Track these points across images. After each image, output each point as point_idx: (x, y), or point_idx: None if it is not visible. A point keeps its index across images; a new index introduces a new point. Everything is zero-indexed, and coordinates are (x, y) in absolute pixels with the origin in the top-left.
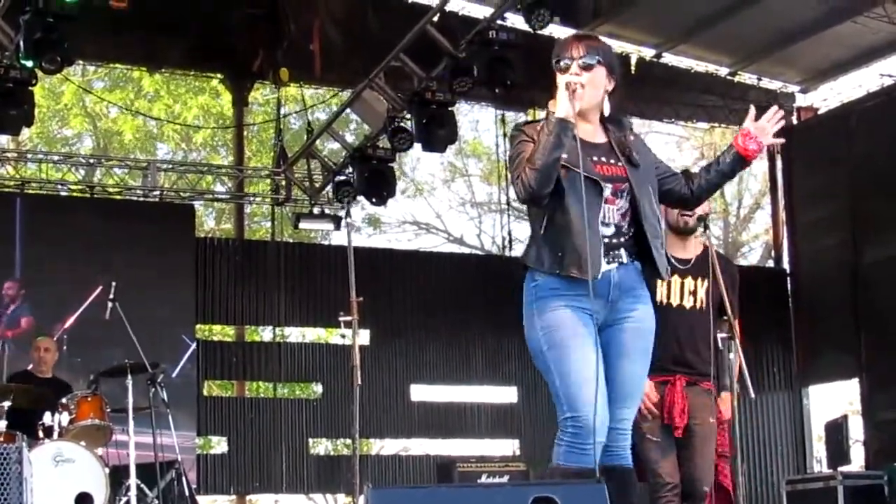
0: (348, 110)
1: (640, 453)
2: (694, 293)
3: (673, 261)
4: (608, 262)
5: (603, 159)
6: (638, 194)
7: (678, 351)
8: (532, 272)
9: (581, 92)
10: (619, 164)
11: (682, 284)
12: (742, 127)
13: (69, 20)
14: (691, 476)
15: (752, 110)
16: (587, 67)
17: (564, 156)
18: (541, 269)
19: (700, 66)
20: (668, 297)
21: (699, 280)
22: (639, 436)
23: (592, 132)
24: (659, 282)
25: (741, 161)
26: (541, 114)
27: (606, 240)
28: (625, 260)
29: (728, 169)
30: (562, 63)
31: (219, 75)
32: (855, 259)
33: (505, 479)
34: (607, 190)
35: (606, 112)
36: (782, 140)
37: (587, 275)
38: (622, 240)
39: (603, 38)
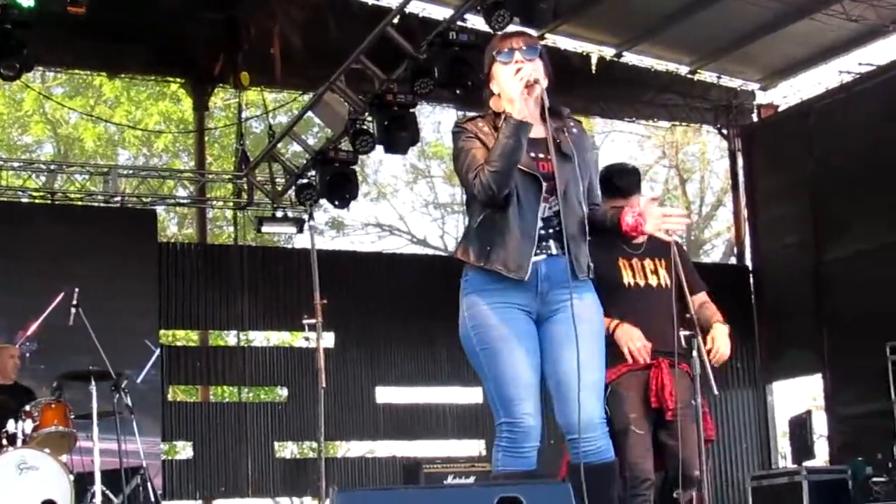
0: (310, 113)
1: (621, 445)
2: (655, 272)
3: (625, 247)
4: (536, 254)
5: (541, 155)
6: (564, 190)
7: (658, 332)
8: (465, 267)
9: (537, 88)
10: (550, 159)
11: (643, 265)
12: (641, 207)
13: (27, 27)
14: (683, 462)
15: (649, 200)
16: (531, 58)
17: None
18: (468, 262)
19: (660, 65)
20: (635, 278)
21: (657, 260)
22: (623, 427)
23: (533, 126)
24: (623, 263)
25: (617, 226)
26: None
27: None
28: (554, 251)
29: (610, 226)
30: (503, 55)
31: (179, 80)
32: (817, 255)
33: (471, 479)
34: (545, 187)
35: (547, 104)
36: (669, 238)
37: (514, 273)
38: (551, 231)
39: (564, 38)
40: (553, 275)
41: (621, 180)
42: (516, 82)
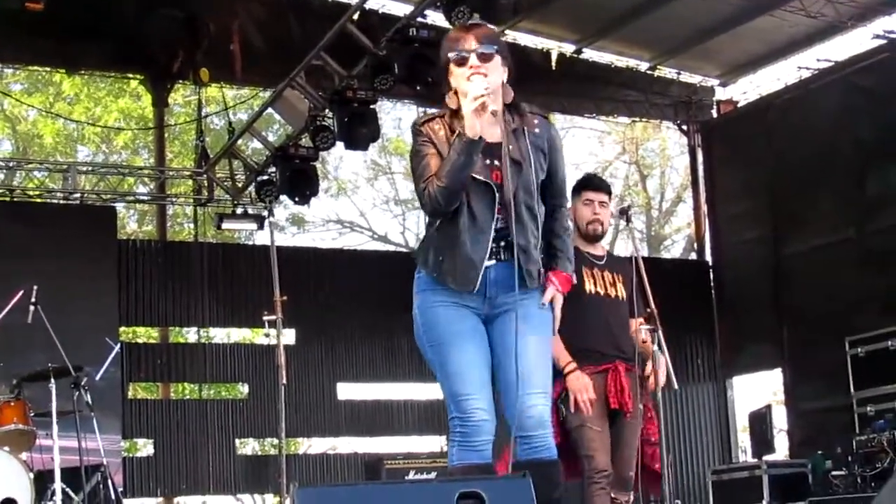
0: (270, 110)
1: (577, 440)
2: (614, 285)
3: (589, 256)
4: (487, 259)
5: (496, 163)
6: (512, 200)
7: (614, 338)
8: (418, 267)
9: (491, 105)
10: (500, 166)
11: (604, 276)
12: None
13: None
14: (622, 462)
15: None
16: (486, 58)
17: None
18: (424, 268)
19: (620, 61)
20: (596, 287)
21: (615, 274)
22: (579, 423)
23: (489, 128)
24: (586, 272)
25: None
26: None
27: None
28: (503, 257)
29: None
30: (455, 54)
31: (138, 77)
32: (776, 250)
33: (433, 475)
34: (498, 197)
35: (508, 99)
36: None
37: (462, 288)
38: (503, 243)
39: (524, 35)
40: (502, 280)
41: (601, 182)
42: (469, 101)
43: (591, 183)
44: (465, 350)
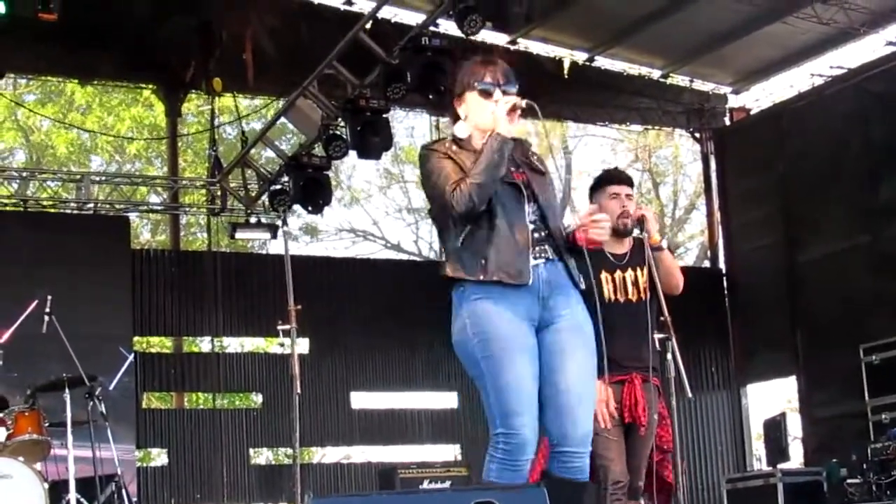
0: (283, 119)
1: (592, 449)
2: (636, 283)
3: (611, 257)
4: (535, 258)
5: (512, 168)
6: (543, 199)
7: (633, 347)
8: (457, 282)
9: (517, 113)
10: (524, 171)
11: (625, 278)
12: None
13: None
14: (632, 472)
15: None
16: (511, 93)
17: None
18: (465, 278)
19: (633, 69)
20: (615, 294)
21: (638, 269)
22: (595, 431)
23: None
24: (606, 277)
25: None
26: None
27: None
28: (551, 256)
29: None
30: (484, 85)
31: (151, 86)
32: (790, 258)
33: (447, 484)
34: (525, 194)
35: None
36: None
37: (516, 279)
38: (543, 234)
39: (536, 43)
40: (553, 279)
41: (623, 174)
42: (503, 105)
43: (615, 176)
44: (519, 364)
